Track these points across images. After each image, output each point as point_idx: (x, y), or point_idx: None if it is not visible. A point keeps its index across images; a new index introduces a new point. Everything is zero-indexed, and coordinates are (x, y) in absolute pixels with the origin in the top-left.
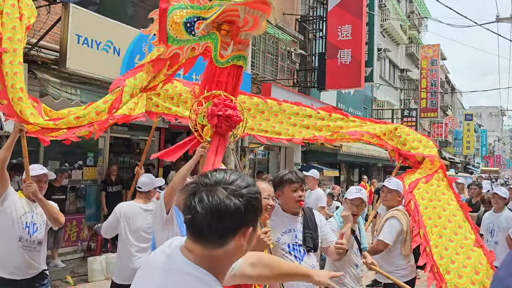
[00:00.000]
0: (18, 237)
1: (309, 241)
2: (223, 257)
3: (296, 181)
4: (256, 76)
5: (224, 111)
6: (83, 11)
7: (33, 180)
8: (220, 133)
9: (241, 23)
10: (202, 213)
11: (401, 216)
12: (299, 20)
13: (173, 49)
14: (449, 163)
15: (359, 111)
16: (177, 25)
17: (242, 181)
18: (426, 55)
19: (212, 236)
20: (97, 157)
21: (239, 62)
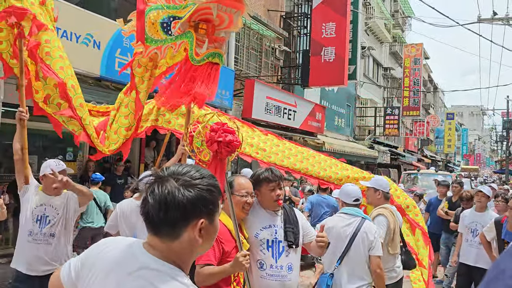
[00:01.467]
0: (29, 231)
1: (291, 236)
2: (181, 250)
3: (273, 180)
4: (239, 72)
5: (224, 137)
6: (62, 3)
7: (50, 178)
8: (220, 159)
9: (216, 21)
10: (152, 204)
11: (387, 213)
12: (284, 17)
13: (152, 49)
14: (430, 161)
15: (342, 108)
16: (154, 25)
17: (196, 172)
18: (409, 54)
19: (164, 227)
20: (77, 152)
21: (214, 59)
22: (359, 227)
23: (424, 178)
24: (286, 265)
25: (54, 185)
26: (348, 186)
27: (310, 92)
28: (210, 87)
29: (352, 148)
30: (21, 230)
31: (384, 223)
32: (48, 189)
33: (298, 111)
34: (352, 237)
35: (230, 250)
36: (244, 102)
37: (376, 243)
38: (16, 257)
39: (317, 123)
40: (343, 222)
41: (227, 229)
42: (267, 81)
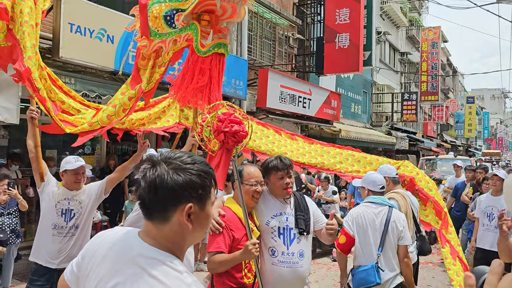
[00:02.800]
0: (53, 225)
1: (301, 223)
2: (173, 235)
3: (282, 168)
4: (253, 62)
5: (231, 127)
6: (75, 0)
7: (70, 174)
8: (226, 148)
9: (219, 12)
10: (144, 186)
11: (399, 197)
12: (297, 4)
13: (156, 43)
14: (450, 146)
15: (358, 95)
16: (158, 19)
17: (188, 158)
18: (426, 38)
19: (155, 209)
20: (95, 145)
21: (220, 50)
22: (389, 216)
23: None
24: (297, 251)
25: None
26: (373, 174)
27: (325, 79)
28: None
29: (369, 135)
30: (43, 224)
31: (395, 206)
32: (69, 184)
33: (313, 99)
34: (385, 228)
35: (240, 237)
36: (258, 91)
37: (405, 233)
38: (36, 250)
39: (333, 110)
40: (371, 211)
41: (237, 217)
42: (282, 69)
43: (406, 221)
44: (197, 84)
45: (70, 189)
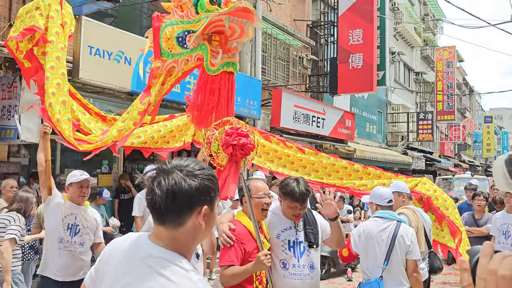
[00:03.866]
0: (59, 239)
1: (311, 237)
2: (185, 237)
3: (297, 200)
4: (267, 82)
5: (238, 141)
6: (94, 23)
7: (75, 186)
8: (235, 161)
9: (228, 32)
10: (159, 194)
11: (409, 213)
12: (310, 26)
13: (169, 63)
14: (468, 166)
15: (373, 115)
16: (170, 40)
17: (196, 165)
18: (441, 57)
19: (170, 215)
20: (112, 164)
21: (229, 69)
22: (396, 231)
23: (460, 183)
24: (308, 264)
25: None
26: (380, 189)
27: (340, 99)
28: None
29: (384, 155)
30: (49, 237)
31: (405, 221)
32: (74, 197)
33: (327, 118)
34: (391, 242)
35: (251, 250)
36: (272, 111)
37: (413, 247)
38: (44, 263)
39: (347, 130)
40: (378, 226)
41: (247, 230)
42: (295, 90)
43: (414, 236)
44: (208, 106)
45: (75, 202)
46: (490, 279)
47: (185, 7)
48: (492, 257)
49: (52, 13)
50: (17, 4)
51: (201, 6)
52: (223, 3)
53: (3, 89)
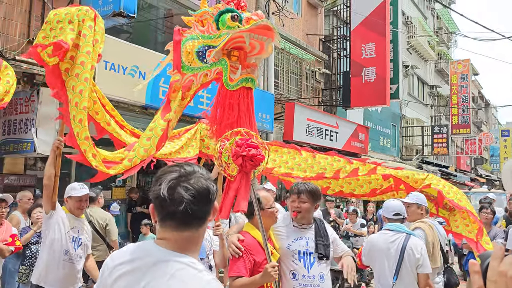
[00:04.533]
0: (65, 251)
1: (321, 248)
2: (198, 237)
3: (293, 193)
4: (280, 96)
5: (248, 152)
6: (110, 39)
7: (75, 200)
8: (245, 172)
9: (248, 49)
10: (190, 198)
11: (426, 227)
12: (323, 40)
13: (188, 77)
14: (485, 180)
15: (387, 128)
16: (190, 54)
17: (197, 167)
18: (455, 71)
19: (198, 217)
20: (126, 178)
21: (247, 84)
22: (405, 244)
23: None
24: (318, 274)
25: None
26: (389, 202)
27: (353, 113)
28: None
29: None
30: (52, 249)
31: (422, 236)
32: (72, 210)
33: (340, 132)
34: (400, 255)
35: (261, 261)
36: (284, 124)
37: (423, 261)
38: (45, 274)
39: (361, 143)
40: (387, 239)
41: (256, 242)
42: (308, 103)
43: (425, 249)
44: (228, 121)
45: (74, 214)
46: (501, 281)
47: (206, 23)
48: (502, 259)
49: (85, 30)
50: (36, 21)
51: (222, 22)
52: (245, 20)
53: (21, 103)
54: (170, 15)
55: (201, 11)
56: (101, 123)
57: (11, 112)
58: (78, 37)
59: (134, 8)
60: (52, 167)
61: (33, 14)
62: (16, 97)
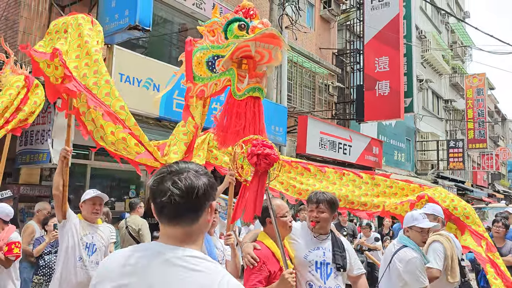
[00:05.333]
0: (78, 258)
1: (339, 259)
2: (197, 232)
3: (312, 202)
4: (293, 109)
5: (263, 150)
6: (125, 52)
7: (88, 203)
8: (260, 171)
9: (257, 57)
10: (178, 193)
11: (443, 240)
12: (336, 54)
13: (199, 87)
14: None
15: (401, 143)
16: (201, 64)
17: (196, 165)
18: (471, 85)
19: (187, 212)
20: (139, 189)
21: (255, 94)
22: (394, 254)
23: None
24: (334, 286)
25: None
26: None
27: (367, 126)
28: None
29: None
30: (66, 257)
31: (441, 249)
32: (87, 216)
33: (353, 145)
34: (388, 265)
35: (275, 271)
36: (298, 137)
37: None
38: (59, 283)
39: (374, 157)
40: (391, 249)
41: (271, 252)
42: (322, 117)
43: (414, 264)
44: (234, 128)
45: (89, 220)
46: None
47: (216, 32)
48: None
49: (86, 31)
50: None
51: (230, 32)
52: (250, 29)
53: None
54: (184, 29)
55: (211, 21)
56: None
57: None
58: (79, 38)
59: (149, 21)
60: (60, 176)
61: None
62: None
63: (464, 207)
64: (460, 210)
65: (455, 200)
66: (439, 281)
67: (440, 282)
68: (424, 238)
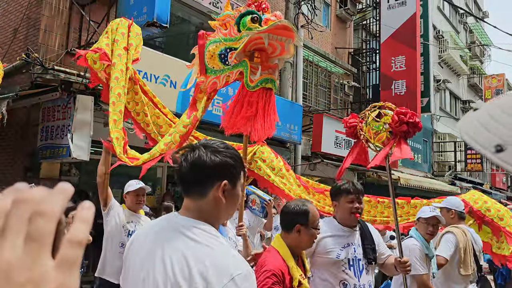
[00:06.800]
0: (121, 243)
1: (370, 253)
2: (209, 208)
3: (354, 192)
4: (308, 108)
5: (414, 119)
6: (143, 49)
7: (132, 195)
8: (404, 138)
9: (269, 49)
10: (186, 166)
11: (458, 232)
12: (352, 54)
13: (212, 79)
14: None
15: (418, 144)
16: (213, 57)
17: (222, 144)
18: (490, 85)
19: (194, 186)
20: (156, 186)
21: (267, 85)
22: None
23: None
24: (367, 283)
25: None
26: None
27: None
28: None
29: (431, 184)
30: (110, 243)
31: (452, 240)
32: (131, 205)
33: None
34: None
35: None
36: (313, 135)
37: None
38: (103, 267)
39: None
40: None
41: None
42: (338, 116)
43: (414, 251)
44: (246, 114)
45: (133, 210)
46: None
47: (228, 25)
48: None
49: (118, 37)
50: (74, 33)
51: (243, 25)
52: (263, 21)
53: (58, 110)
54: (201, 28)
55: (223, 14)
56: (141, 124)
57: (49, 119)
58: (113, 43)
59: (167, 18)
60: (103, 166)
61: (72, 27)
62: (54, 105)
63: (498, 209)
64: (494, 212)
65: (489, 202)
66: (452, 274)
67: (452, 274)
68: (428, 230)
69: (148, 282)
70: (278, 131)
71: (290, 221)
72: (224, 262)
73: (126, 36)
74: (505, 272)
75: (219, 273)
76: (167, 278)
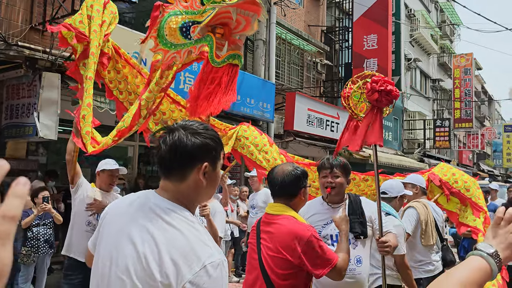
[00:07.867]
0: (87, 222)
1: (356, 227)
2: (188, 191)
3: (325, 167)
4: (281, 86)
5: (386, 86)
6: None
7: (107, 174)
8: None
9: (233, 25)
10: (165, 149)
11: (419, 206)
12: (325, 32)
13: (171, 54)
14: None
15: (389, 122)
16: (173, 30)
17: (201, 125)
18: (458, 64)
19: (174, 169)
20: (127, 165)
21: (234, 61)
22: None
23: None
24: (354, 258)
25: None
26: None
27: None
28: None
29: (400, 161)
30: (76, 221)
31: (413, 215)
32: (103, 185)
33: (341, 123)
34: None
35: None
36: (285, 114)
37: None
38: (69, 245)
39: None
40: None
41: None
42: (310, 94)
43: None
44: (206, 91)
45: (104, 190)
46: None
47: None
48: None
49: (93, 13)
50: (38, 7)
51: None
52: None
53: (23, 88)
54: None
55: None
56: (124, 103)
57: (14, 97)
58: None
59: None
60: (72, 143)
61: (36, 0)
62: (19, 82)
63: (465, 180)
64: (461, 183)
65: (457, 174)
66: (415, 244)
67: (415, 245)
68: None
69: (117, 260)
70: (250, 109)
71: (295, 186)
72: (197, 249)
73: (101, 13)
74: (467, 245)
75: (191, 260)
76: (138, 259)
